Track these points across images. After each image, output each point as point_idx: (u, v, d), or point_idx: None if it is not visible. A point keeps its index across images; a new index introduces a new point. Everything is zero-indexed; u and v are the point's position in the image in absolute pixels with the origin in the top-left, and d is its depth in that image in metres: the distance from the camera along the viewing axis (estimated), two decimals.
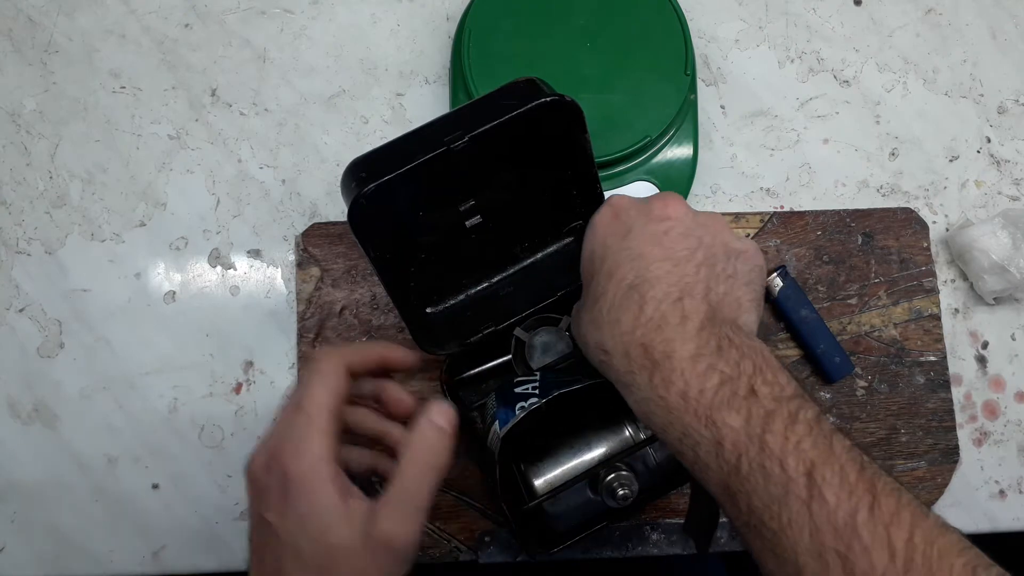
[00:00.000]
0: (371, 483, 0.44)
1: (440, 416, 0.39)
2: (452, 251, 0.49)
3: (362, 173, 0.40)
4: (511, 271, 0.52)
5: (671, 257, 0.39)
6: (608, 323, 0.39)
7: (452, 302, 0.51)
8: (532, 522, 0.49)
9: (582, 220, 0.50)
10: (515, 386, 0.48)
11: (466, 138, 0.41)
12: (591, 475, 0.47)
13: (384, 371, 0.45)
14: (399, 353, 0.45)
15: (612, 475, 0.46)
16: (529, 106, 0.41)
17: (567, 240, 0.51)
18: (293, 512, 0.37)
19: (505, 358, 0.53)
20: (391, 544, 0.37)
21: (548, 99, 0.41)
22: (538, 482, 0.48)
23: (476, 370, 0.53)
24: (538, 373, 0.50)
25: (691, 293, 0.38)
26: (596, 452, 0.48)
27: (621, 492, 0.46)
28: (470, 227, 0.47)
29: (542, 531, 0.48)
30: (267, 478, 0.38)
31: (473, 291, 0.51)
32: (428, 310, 0.50)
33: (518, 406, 0.46)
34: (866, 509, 0.32)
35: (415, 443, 0.39)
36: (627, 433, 0.48)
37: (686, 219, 0.41)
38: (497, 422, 0.46)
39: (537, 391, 0.47)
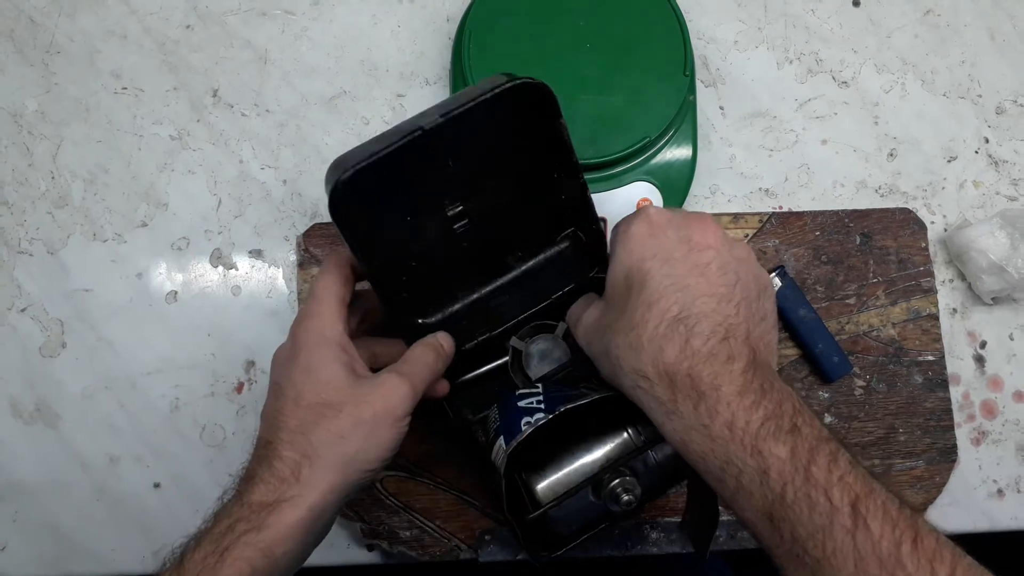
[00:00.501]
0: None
1: (441, 335, 0.48)
2: (443, 260, 0.49)
3: (342, 164, 0.41)
4: (504, 280, 0.52)
5: (715, 294, 0.40)
6: (650, 352, 0.39)
7: (446, 312, 0.51)
8: (536, 527, 0.49)
9: (574, 227, 0.51)
10: (518, 399, 0.48)
11: (438, 117, 0.41)
12: (595, 480, 0.47)
13: None
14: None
15: (616, 480, 0.46)
16: (500, 88, 0.42)
17: (560, 247, 0.51)
18: (297, 368, 0.43)
19: (500, 361, 0.53)
20: (386, 403, 0.42)
21: (518, 81, 0.42)
22: (540, 487, 0.47)
23: (472, 374, 0.53)
24: (539, 385, 0.50)
25: (735, 334, 0.39)
26: (597, 454, 0.48)
27: (625, 498, 0.46)
28: (460, 232, 0.47)
29: (545, 534, 0.48)
30: (281, 351, 0.45)
31: (466, 301, 0.51)
32: (420, 321, 0.50)
33: (523, 421, 0.46)
34: (909, 542, 0.33)
35: (420, 341, 0.47)
36: (627, 436, 0.48)
37: (724, 251, 0.42)
38: (502, 437, 0.46)
39: (542, 405, 0.47)
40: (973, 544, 0.35)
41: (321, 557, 0.56)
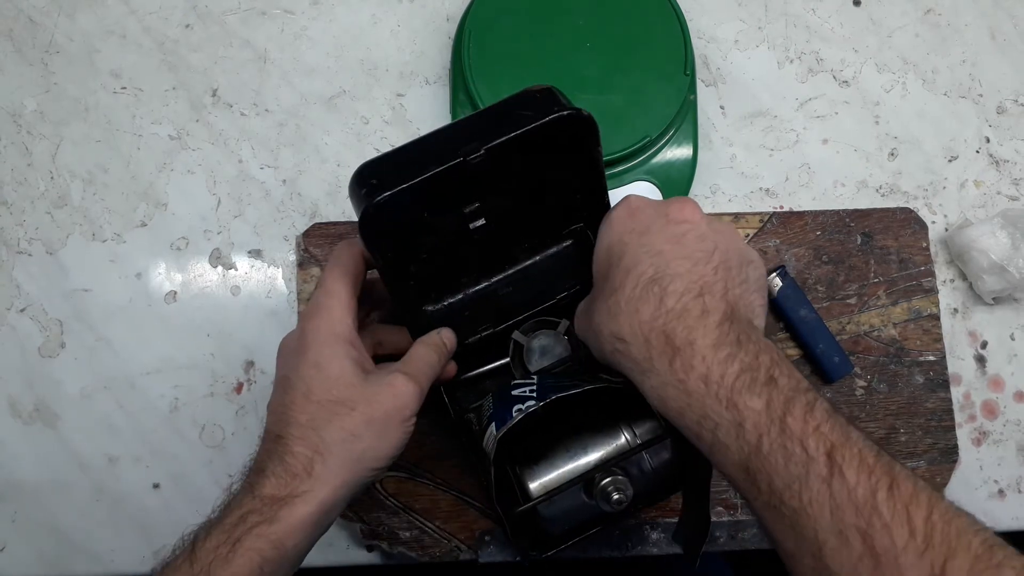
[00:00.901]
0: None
1: (444, 331, 0.48)
2: (453, 250, 0.49)
3: (372, 180, 0.40)
4: (510, 272, 0.52)
5: (690, 256, 0.40)
6: (627, 313, 0.40)
7: (450, 301, 0.51)
8: (526, 524, 0.49)
9: (583, 223, 0.51)
10: (512, 388, 0.48)
11: (482, 151, 0.40)
12: (586, 479, 0.47)
13: None
14: None
15: (607, 479, 0.47)
16: (547, 119, 0.41)
17: (566, 243, 0.51)
18: (306, 362, 0.43)
19: (502, 361, 0.53)
20: (395, 403, 0.42)
21: (566, 112, 0.41)
22: (533, 485, 0.48)
23: (473, 372, 0.53)
24: (535, 376, 0.50)
25: (711, 291, 0.39)
26: (592, 456, 0.48)
27: (616, 496, 0.46)
28: (474, 229, 0.47)
29: (536, 533, 0.48)
30: (289, 342, 0.45)
31: (472, 290, 0.51)
32: (427, 308, 0.50)
33: (515, 408, 0.46)
34: (885, 489, 0.33)
35: (422, 340, 0.47)
36: (623, 438, 0.49)
37: (702, 224, 0.42)
38: (493, 424, 0.47)
39: (534, 394, 0.47)
40: None
41: (321, 557, 0.56)
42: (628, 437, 0.48)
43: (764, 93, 0.65)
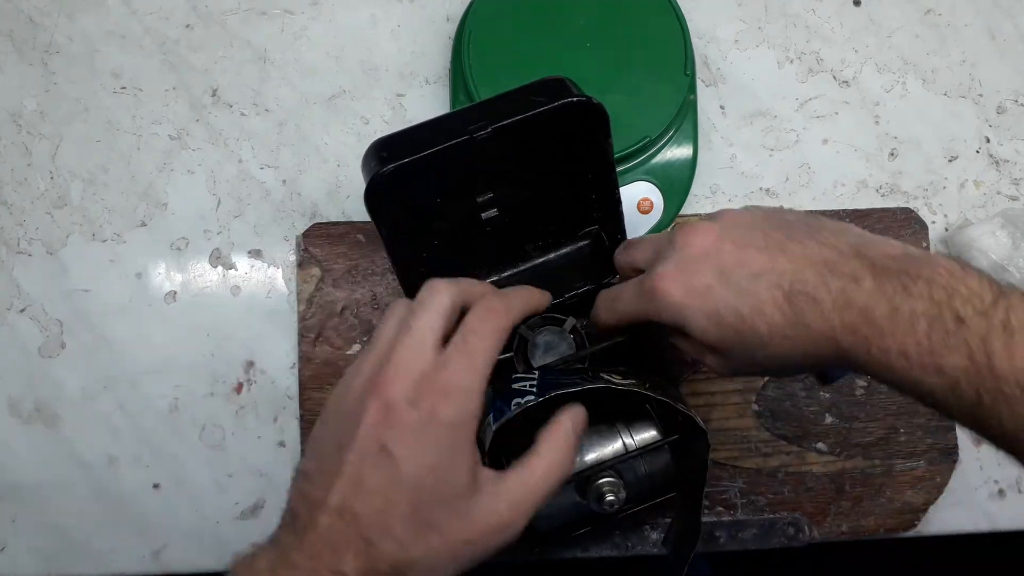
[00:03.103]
0: (498, 458, 0.45)
1: (574, 418, 0.40)
2: (465, 242, 0.49)
3: (383, 153, 0.41)
4: (522, 268, 0.52)
5: (777, 253, 0.39)
6: (797, 336, 0.38)
7: None
8: None
9: (597, 225, 0.51)
10: (513, 382, 0.48)
11: (490, 129, 0.41)
12: (580, 478, 0.47)
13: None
14: (537, 297, 0.46)
15: (601, 480, 0.46)
16: (556, 104, 0.41)
17: (580, 244, 0.51)
18: (427, 457, 0.35)
19: (506, 355, 0.53)
20: (498, 522, 0.36)
21: (576, 99, 0.42)
22: None
23: None
24: (537, 371, 0.50)
25: (828, 263, 0.38)
26: (588, 456, 0.48)
27: (609, 498, 0.46)
28: (486, 219, 0.47)
29: (526, 530, 0.48)
30: (409, 410, 0.35)
31: None
32: None
33: (514, 402, 0.46)
34: None
35: (549, 441, 0.39)
36: (620, 441, 0.48)
37: (716, 228, 0.41)
38: (492, 415, 0.47)
39: (534, 389, 0.47)
40: (974, 544, 0.35)
41: None
42: (626, 440, 0.48)
43: (764, 93, 0.65)
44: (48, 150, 0.61)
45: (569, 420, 0.40)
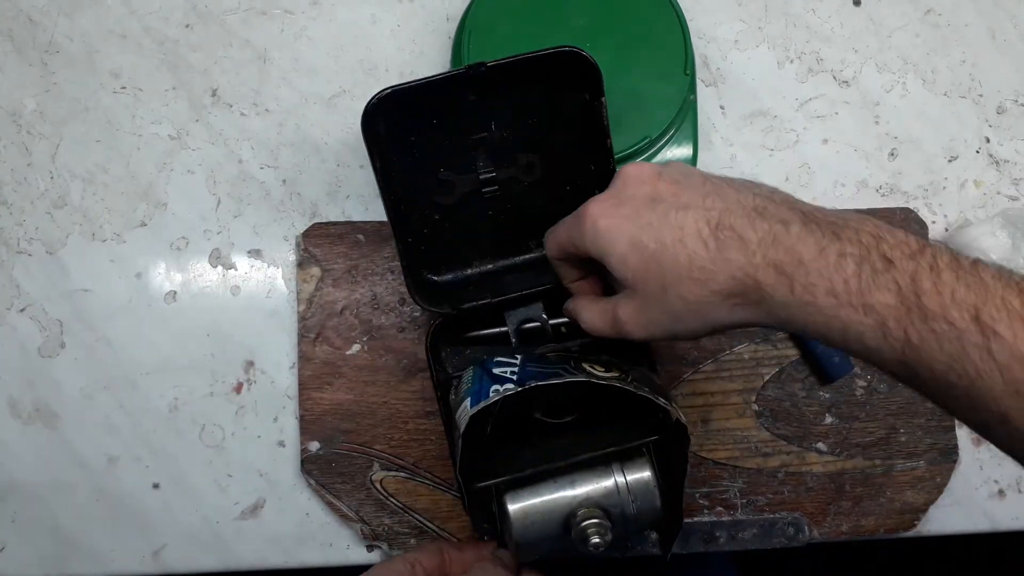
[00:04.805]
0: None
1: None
2: (466, 224, 0.49)
3: (387, 89, 0.44)
4: (518, 260, 0.53)
5: (706, 193, 0.40)
6: (720, 268, 0.38)
7: (458, 275, 0.52)
8: (496, 533, 0.48)
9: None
10: (494, 365, 0.47)
11: (484, 68, 0.44)
12: (568, 513, 0.46)
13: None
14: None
15: (589, 520, 0.45)
16: (549, 50, 0.44)
17: None
18: None
19: (494, 330, 0.53)
20: None
21: (567, 48, 0.44)
22: (513, 507, 0.46)
23: (473, 334, 0.54)
24: (519, 357, 0.49)
25: (758, 207, 0.39)
26: (578, 491, 0.47)
27: (595, 540, 0.44)
28: (487, 197, 0.49)
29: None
30: None
31: (479, 270, 0.52)
32: (431, 276, 0.51)
33: (492, 388, 0.45)
34: None
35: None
36: (612, 480, 0.47)
37: (654, 168, 0.43)
38: (469, 399, 0.46)
39: (515, 376, 0.46)
40: (974, 544, 0.34)
41: (321, 557, 0.56)
42: (618, 479, 0.47)
43: (764, 93, 0.65)
44: (48, 150, 0.61)
45: None
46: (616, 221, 0.41)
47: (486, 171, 0.48)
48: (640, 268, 0.40)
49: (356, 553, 0.57)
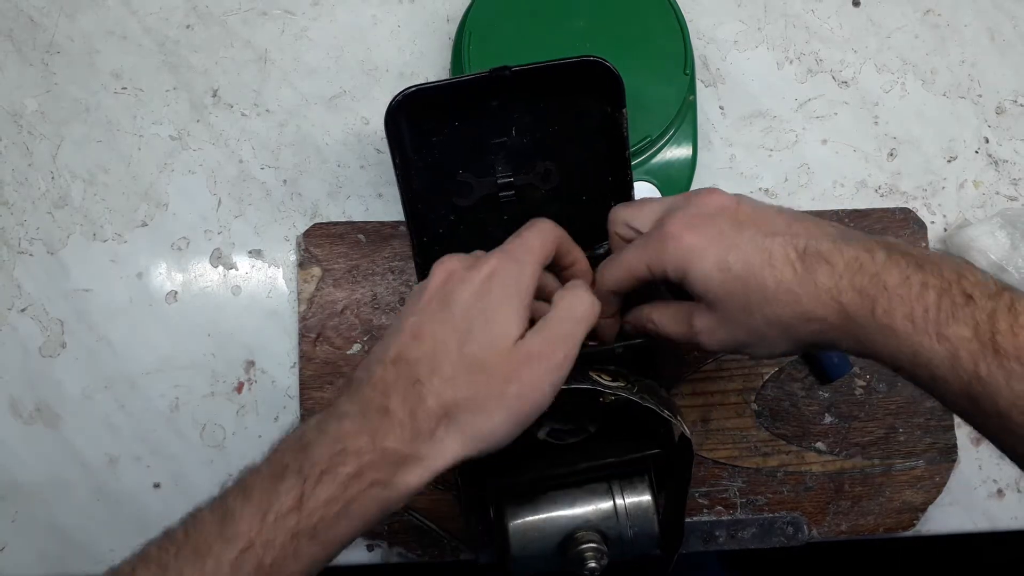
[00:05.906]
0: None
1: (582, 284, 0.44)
2: (482, 227, 0.50)
3: (410, 87, 0.45)
4: None
5: (790, 219, 0.42)
6: (804, 291, 0.39)
7: None
8: (489, 540, 0.48)
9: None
10: None
11: (508, 72, 0.44)
12: (566, 534, 0.46)
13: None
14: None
15: (587, 544, 0.45)
16: (574, 58, 0.44)
17: (599, 251, 0.52)
18: (478, 303, 0.40)
19: None
20: (537, 351, 0.39)
21: (592, 57, 0.44)
22: (513, 523, 0.46)
23: None
24: None
25: (842, 235, 0.40)
26: (577, 511, 0.47)
27: (591, 564, 0.44)
28: (504, 201, 0.49)
29: (500, 555, 0.48)
30: (467, 271, 0.41)
31: None
32: None
33: None
34: None
35: (565, 295, 0.43)
36: (611, 503, 0.47)
37: (729, 194, 0.44)
38: None
39: None
40: (973, 544, 0.35)
41: None
42: (618, 502, 0.47)
43: (763, 93, 0.66)
44: (49, 150, 0.61)
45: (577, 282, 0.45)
46: (701, 240, 0.42)
47: (504, 176, 0.48)
48: (723, 288, 0.41)
49: (355, 552, 0.57)
